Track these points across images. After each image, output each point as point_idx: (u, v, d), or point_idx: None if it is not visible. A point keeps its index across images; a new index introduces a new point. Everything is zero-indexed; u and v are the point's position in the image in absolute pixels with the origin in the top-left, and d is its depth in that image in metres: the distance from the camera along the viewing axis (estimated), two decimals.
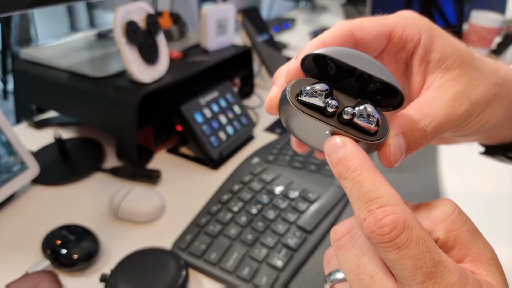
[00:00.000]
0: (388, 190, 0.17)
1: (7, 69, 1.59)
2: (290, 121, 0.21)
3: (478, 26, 1.12)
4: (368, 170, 0.18)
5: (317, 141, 0.21)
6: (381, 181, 0.18)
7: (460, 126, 0.24)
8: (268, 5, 1.65)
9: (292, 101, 0.20)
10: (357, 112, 0.19)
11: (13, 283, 0.36)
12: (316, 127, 0.20)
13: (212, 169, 0.58)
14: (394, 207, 0.17)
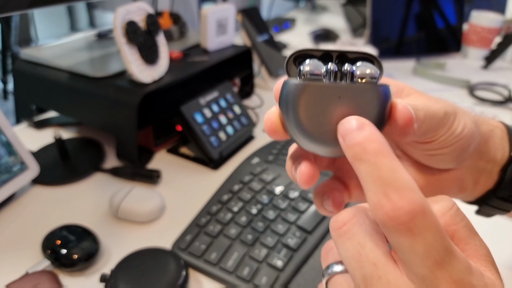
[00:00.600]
0: (406, 175, 0.17)
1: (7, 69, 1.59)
2: (297, 105, 0.19)
3: (478, 26, 1.12)
4: (387, 154, 0.17)
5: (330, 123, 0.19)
6: (399, 166, 0.17)
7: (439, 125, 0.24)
8: (268, 5, 1.65)
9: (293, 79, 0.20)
10: (355, 67, 0.19)
11: (13, 283, 0.36)
12: (327, 97, 0.19)
13: (212, 169, 0.58)
14: (411, 192, 0.16)
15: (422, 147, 0.25)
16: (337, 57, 0.21)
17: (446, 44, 1.13)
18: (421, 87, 0.95)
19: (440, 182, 0.28)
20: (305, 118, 0.19)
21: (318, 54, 0.21)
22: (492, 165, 0.29)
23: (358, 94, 0.19)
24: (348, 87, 0.19)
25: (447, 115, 0.24)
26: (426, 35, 1.10)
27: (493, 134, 0.29)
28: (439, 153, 0.25)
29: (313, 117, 0.19)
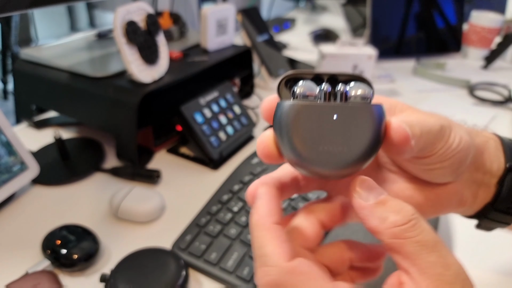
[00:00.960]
0: (269, 249, 0.19)
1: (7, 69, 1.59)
2: (292, 126, 0.19)
3: (478, 26, 1.12)
4: (261, 227, 0.19)
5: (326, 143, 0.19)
6: (269, 239, 0.19)
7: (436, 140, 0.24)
8: (268, 5, 1.65)
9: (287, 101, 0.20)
10: (348, 87, 0.20)
11: (13, 283, 0.36)
12: (322, 117, 0.19)
13: (212, 169, 0.58)
14: (269, 268, 0.18)
15: (420, 162, 0.25)
16: (328, 79, 0.21)
17: (446, 44, 1.13)
18: (421, 87, 0.95)
19: (439, 197, 0.28)
20: (301, 138, 0.19)
21: (309, 76, 0.21)
22: (489, 177, 0.28)
23: (353, 114, 0.19)
24: (343, 106, 0.19)
25: (443, 129, 0.24)
26: (426, 35, 1.10)
27: (487, 146, 0.29)
28: (437, 167, 0.25)
29: (309, 138, 0.19)
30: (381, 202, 0.19)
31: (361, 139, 0.19)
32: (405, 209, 0.18)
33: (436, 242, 0.18)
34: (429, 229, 0.18)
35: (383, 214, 0.19)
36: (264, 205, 0.20)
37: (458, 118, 0.78)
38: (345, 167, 0.19)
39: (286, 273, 0.18)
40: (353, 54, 0.78)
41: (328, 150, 0.19)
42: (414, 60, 1.07)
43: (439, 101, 0.87)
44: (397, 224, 0.18)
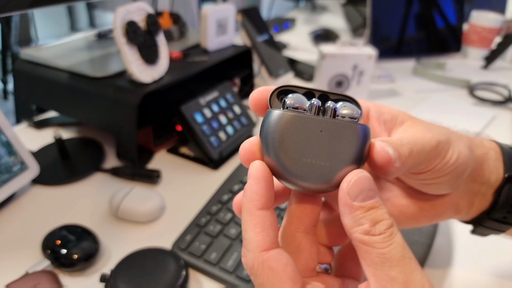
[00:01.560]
0: (250, 235, 0.19)
1: (7, 69, 1.59)
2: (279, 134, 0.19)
3: (478, 26, 1.12)
4: (248, 211, 0.20)
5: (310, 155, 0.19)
6: (250, 225, 0.19)
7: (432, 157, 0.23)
8: (268, 5, 1.65)
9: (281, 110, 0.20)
10: (338, 105, 0.20)
11: (13, 283, 0.36)
12: (309, 129, 0.19)
13: (212, 169, 0.58)
14: (247, 252, 0.19)
15: (415, 177, 0.25)
16: (319, 96, 0.22)
17: (446, 44, 1.13)
18: (421, 87, 0.95)
19: (435, 207, 0.28)
20: (285, 148, 0.19)
21: (301, 91, 0.22)
22: (487, 187, 0.28)
23: (339, 130, 0.19)
24: (331, 122, 0.19)
25: (440, 145, 0.23)
26: (426, 35, 1.10)
27: (487, 157, 0.28)
28: (434, 182, 0.25)
29: (293, 148, 0.19)
30: (364, 207, 0.19)
31: (344, 156, 0.19)
32: (382, 222, 0.18)
33: (402, 258, 0.18)
34: (399, 244, 0.18)
35: (360, 219, 0.18)
36: (252, 188, 0.20)
37: (458, 118, 0.78)
38: (325, 182, 0.20)
39: (258, 263, 0.19)
40: (353, 54, 0.78)
41: (310, 163, 0.19)
42: (414, 60, 1.07)
43: (439, 101, 0.87)
44: (368, 233, 0.18)
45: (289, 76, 0.91)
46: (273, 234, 0.20)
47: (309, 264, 0.22)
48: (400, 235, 0.18)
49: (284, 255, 0.19)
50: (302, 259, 0.22)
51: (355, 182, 0.19)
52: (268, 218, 0.20)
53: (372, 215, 0.18)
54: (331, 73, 0.80)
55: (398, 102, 0.86)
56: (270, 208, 0.20)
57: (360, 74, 0.81)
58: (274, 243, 0.19)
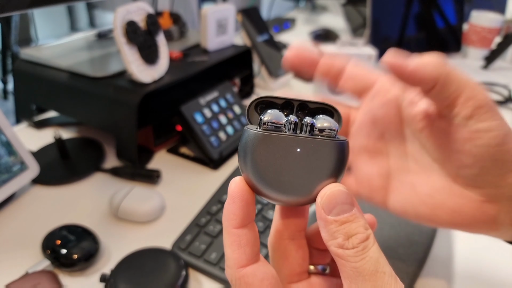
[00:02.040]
0: (228, 252, 0.20)
1: (7, 69, 1.59)
2: (255, 153, 0.19)
3: (478, 26, 1.12)
4: (225, 229, 0.20)
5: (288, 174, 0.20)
6: (228, 243, 0.20)
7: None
8: (268, 5, 1.65)
9: (255, 129, 0.20)
10: (315, 120, 0.20)
11: (13, 283, 0.36)
12: (286, 148, 0.19)
13: (212, 169, 0.58)
14: (226, 268, 0.20)
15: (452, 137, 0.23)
16: (299, 105, 0.21)
17: (446, 44, 1.13)
18: None
19: (468, 217, 0.25)
20: (262, 167, 0.19)
21: (280, 101, 0.21)
22: None
23: (316, 148, 0.19)
24: (307, 140, 0.19)
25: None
26: (426, 35, 1.10)
27: None
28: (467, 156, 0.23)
29: (271, 167, 0.19)
30: (338, 221, 0.19)
31: (322, 172, 0.19)
32: (356, 236, 0.18)
33: (374, 272, 0.18)
34: (373, 258, 0.18)
35: (334, 233, 0.19)
36: (228, 207, 0.20)
37: None
38: (303, 197, 0.20)
39: (236, 279, 0.20)
40: (353, 54, 0.78)
41: (288, 179, 0.19)
42: None
43: None
44: (342, 246, 0.18)
45: (289, 76, 0.91)
46: (250, 251, 0.20)
47: (296, 269, 0.23)
48: (375, 249, 0.18)
49: (261, 270, 0.20)
50: (288, 264, 0.23)
51: (328, 196, 0.19)
52: (244, 236, 0.20)
53: (346, 229, 0.18)
54: None
55: None
56: (247, 226, 0.20)
57: None
58: (250, 260, 0.20)
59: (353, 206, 0.19)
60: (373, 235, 0.19)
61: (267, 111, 0.20)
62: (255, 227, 0.21)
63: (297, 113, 0.22)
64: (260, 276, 0.20)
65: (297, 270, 0.23)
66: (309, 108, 0.22)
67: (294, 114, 0.21)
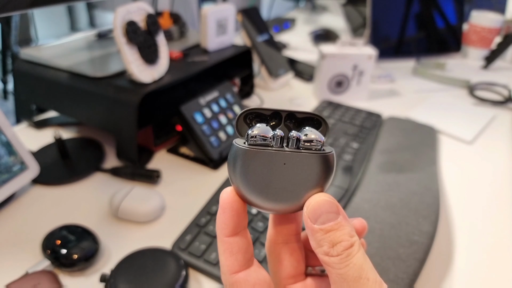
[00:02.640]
0: (222, 259, 0.21)
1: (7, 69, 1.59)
2: (242, 168, 0.20)
3: (478, 26, 1.12)
4: (218, 237, 0.21)
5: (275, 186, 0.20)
6: (221, 251, 0.21)
7: None
8: (268, 5, 1.66)
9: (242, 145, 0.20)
10: (301, 134, 0.20)
11: (13, 283, 0.36)
12: (272, 162, 0.20)
13: (212, 169, 0.58)
14: (221, 274, 0.21)
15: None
16: (287, 116, 0.22)
17: (446, 44, 1.13)
18: (421, 87, 0.95)
19: None
20: (250, 180, 0.20)
21: (268, 113, 0.22)
22: None
23: (301, 161, 0.20)
24: (292, 154, 0.20)
25: None
26: (426, 35, 1.10)
27: None
28: None
29: (258, 180, 0.20)
30: (323, 230, 0.19)
31: (308, 183, 0.20)
32: (340, 244, 0.19)
33: (358, 279, 0.18)
34: (356, 265, 0.19)
35: (320, 241, 0.19)
36: (220, 217, 0.21)
37: (458, 118, 0.78)
38: (291, 206, 0.21)
39: (229, 284, 0.21)
40: (353, 54, 0.78)
41: (275, 191, 0.20)
42: (414, 60, 1.07)
43: (439, 101, 0.87)
44: (327, 254, 0.19)
45: (289, 76, 0.91)
46: (242, 258, 0.21)
47: (291, 271, 0.23)
48: (359, 256, 0.19)
49: (252, 276, 0.21)
50: (283, 267, 0.23)
51: (313, 206, 0.20)
52: (236, 243, 0.21)
53: (331, 237, 0.19)
54: (331, 73, 0.80)
55: (398, 102, 0.86)
56: (239, 234, 0.21)
57: (360, 74, 0.81)
58: (243, 266, 0.21)
59: (338, 215, 0.19)
60: (358, 242, 0.19)
61: (255, 125, 0.21)
62: (247, 234, 0.22)
63: (285, 123, 0.22)
64: (251, 281, 0.21)
65: (292, 273, 0.23)
66: (297, 118, 0.22)
67: (283, 124, 0.22)
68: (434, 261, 0.44)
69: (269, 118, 0.22)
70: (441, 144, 0.69)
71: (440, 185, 0.56)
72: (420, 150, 0.62)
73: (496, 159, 0.65)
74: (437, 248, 0.45)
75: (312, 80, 0.91)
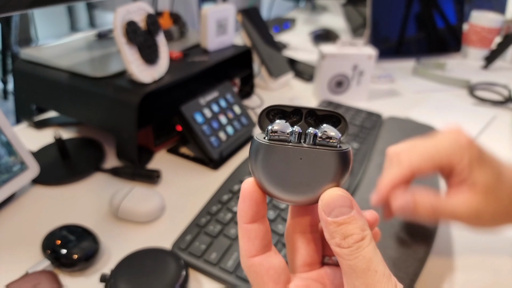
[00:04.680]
0: (240, 244, 0.23)
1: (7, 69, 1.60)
2: (261, 161, 0.21)
3: (478, 26, 1.12)
4: (238, 224, 0.23)
5: (292, 180, 0.21)
6: (240, 236, 0.23)
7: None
8: (268, 5, 1.66)
9: (262, 140, 0.21)
10: (319, 131, 0.21)
11: (13, 283, 0.36)
12: (289, 157, 0.21)
13: (212, 169, 0.58)
14: (240, 257, 0.23)
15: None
16: (307, 113, 0.23)
17: (446, 44, 1.13)
18: (421, 87, 0.95)
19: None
20: (268, 173, 0.21)
21: (290, 109, 0.23)
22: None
23: (317, 157, 0.21)
24: (309, 150, 0.21)
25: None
26: (426, 35, 1.10)
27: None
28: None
29: (276, 173, 0.21)
30: (336, 223, 0.20)
31: (323, 178, 0.21)
32: (351, 237, 0.20)
33: (366, 270, 0.19)
34: (365, 257, 0.19)
35: (332, 233, 0.20)
36: (240, 205, 0.22)
37: (458, 118, 0.78)
38: (307, 199, 0.22)
39: (246, 267, 0.23)
40: (353, 54, 0.78)
41: (293, 184, 0.21)
42: (414, 60, 1.07)
43: (439, 101, 0.87)
44: (339, 245, 0.20)
45: (289, 76, 0.91)
46: (259, 244, 0.22)
47: (307, 260, 0.25)
48: (370, 249, 0.20)
49: (267, 260, 0.22)
50: (299, 255, 0.25)
51: (327, 199, 0.21)
52: (254, 230, 0.22)
53: (343, 230, 0.20)
54: (331, 73, 0.80)
55: (398, 102, 0.86)
56: (257, 221, 0.22)
57: (360, 74, 0.81)
58: (259, 251, 0.22)
59: (351, 209, 0.20)
60: (369, 236, 0.20)
61: (275, 121, 0.22)
62: (266, 222, 0.23)
63: (306, 120, 0.23)
64: (266, 265, 0.22)
65: (308, 261, 0.25)
66: (318, 115, 0.23)
67: (303, 120, 0.23)
68: (434, 261, 0.44)
69: (291, 115, 0.23)
70: None
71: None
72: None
73: None
74: (437, 248, 0.45)
75: (312, 80, 0.91)
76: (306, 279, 0.24)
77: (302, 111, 0.23)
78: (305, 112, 0.23)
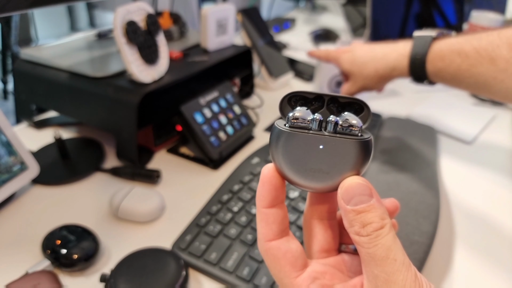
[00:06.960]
0: (258, 228, 0.23)
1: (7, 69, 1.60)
2: (281, 148, 0.21)
3: (478, 26, 1.12)
4: (257, 208, 0.23)
5: (312, 167, 0.21)
6: (258, 220, 0.23)
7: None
8: (268, 5, 1.66)
9: (283, 127, 0.21)
10: (340, 119, 0.21)
11: (13, 283, 0.36)
12: (309, 145, 0.21)
13: (212, 169, 0.58)
14: (258, 241, 0.23)
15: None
16: (329, 100, 0.23)
17: None
18: (421, 87, 0.95)
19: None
20: (289, 160, 0.21)
21: (311, 96, 0.23)
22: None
23: (337, 145, 0.21)
24: (329, 138, 0.21)
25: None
26: None
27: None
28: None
29: (296, 160, 0.21)
30: (355, 211, 0.20)
31: (343, 166, 0.21)
32: (371, 225, 0.20)
33: (385, 258, 0.19)
34: (384, 246, 0.19)
35: (352, 221, 0.20)
36: (259, 189, 0.23)
37: (458, 118, 0.78)
38: (326, 186, 0.22)
39: (263, 250, 0.23)
40: None
41: (312, 171, 0.21)
42: None
43: (439, 101, 0.87)
44: (358, 234, 0.20)
45: (289, 76, 0.91)
46: (276, 228, 0.23)
47: (324, 246, 0.25)
48: (389, 237, 0.20)
49: (285, 245, 0.22)
50: (317, 241, 0.25)
51: (346, 188, 0.21)
52: (272, 215, 0.23)
53: (362, 218, 0.20)
54: (331, 73, 0.80)
55: (398, 102, 0.86)
56: (275, 206, 0.23)
57: None
58: (277, 235, 0.23)
59: (371, 197, 0.20)
60: (389, 225, 0.20)
61: (296, 108, 0.22)
62: (283, 207, 0.23)
63: (328, 107, 0.23)
64: (283, 249, 0.22)
65: (325, 247, 0.25)
66: (340, 103, 0.23)
67: (325, 107, 0.23)
68: (434, 261, 0.44)
69: (313, 101, 0.23)
70: (441, 144, 0.69)
71: (440, 185, 0.56)
72: (420, 150, 0.62)
73: (496, 159, 0.65)
74: (437, 248, 0.45)
75: (312, 80, 0.91)
76: (324, 265, 0.24)
77: (324, 97, 0.23)
78: (327, 99, 0.23)
